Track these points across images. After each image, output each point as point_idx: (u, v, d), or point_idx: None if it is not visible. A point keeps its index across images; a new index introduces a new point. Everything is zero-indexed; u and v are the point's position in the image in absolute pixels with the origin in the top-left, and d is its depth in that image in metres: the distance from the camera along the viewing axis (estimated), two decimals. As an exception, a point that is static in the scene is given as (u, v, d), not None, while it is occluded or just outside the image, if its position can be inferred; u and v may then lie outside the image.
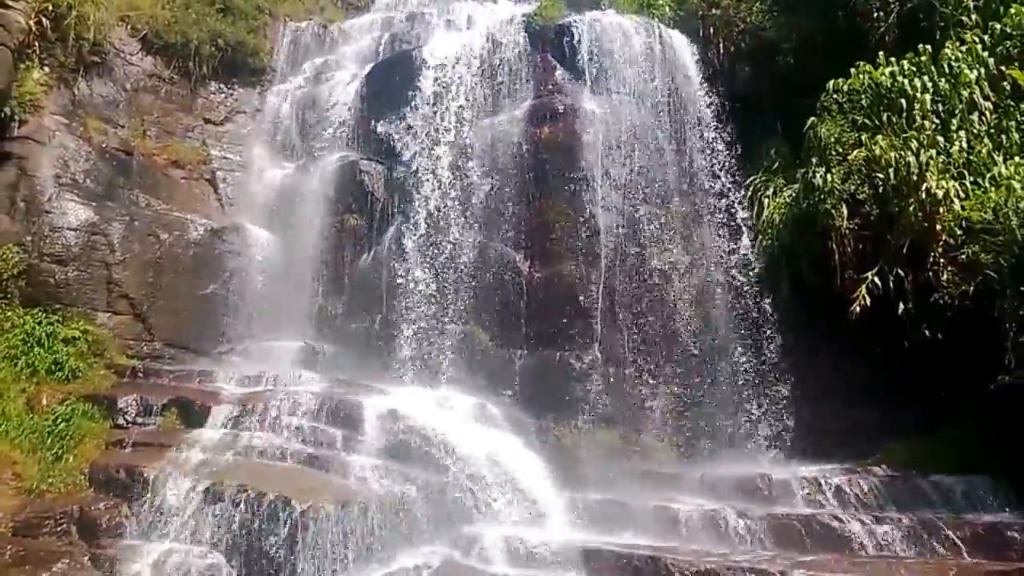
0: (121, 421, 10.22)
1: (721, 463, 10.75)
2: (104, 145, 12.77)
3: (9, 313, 11.14)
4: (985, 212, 9.93)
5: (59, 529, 8.51)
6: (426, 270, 12.49)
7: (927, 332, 10.04)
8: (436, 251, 12.62)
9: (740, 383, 11.84)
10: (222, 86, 15.35)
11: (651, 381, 11.72)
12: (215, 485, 8.61)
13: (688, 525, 8.75)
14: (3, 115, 11.62)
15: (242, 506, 8.30)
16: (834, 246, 10.96)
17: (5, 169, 11.76)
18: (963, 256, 10.00)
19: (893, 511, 8.88)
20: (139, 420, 10.24)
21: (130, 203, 12.78)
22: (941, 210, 10.27)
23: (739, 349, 12.01)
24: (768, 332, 11.96)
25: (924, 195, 10.32)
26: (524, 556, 7.87)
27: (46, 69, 12.52)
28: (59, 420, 9.98)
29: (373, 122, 14.13)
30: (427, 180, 13.01)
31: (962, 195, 10.27)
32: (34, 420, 9.97)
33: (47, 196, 11.85)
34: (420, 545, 8.29)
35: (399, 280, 12.48)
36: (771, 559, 7.66)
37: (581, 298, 11.92)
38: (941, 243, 10.28)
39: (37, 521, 8.50)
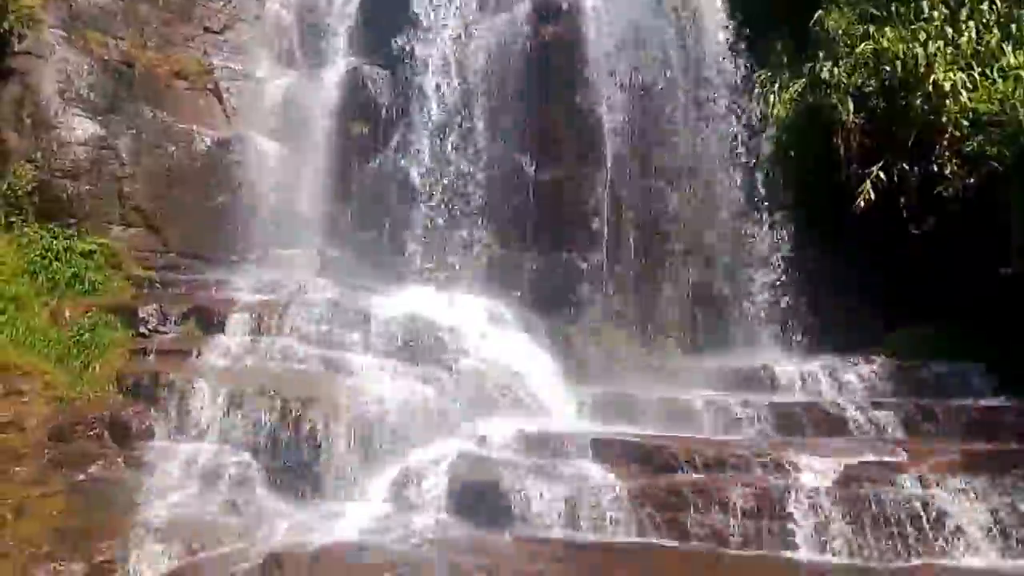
0: (143, 330, 10.45)
1: (726, 357, 11.05)
2: (106, 58, 12.61)
3: (26, 229, 11.28)
4: (992, 104, 9.90)
5: (91, 433, 8.81)
6: (432, 175, 12.53)
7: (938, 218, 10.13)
8: (442, 156, 12.63)
9: (745, 279, 12.03)
10: (219, -8, 15.06)
11: (656, 279, 11.92)
12: (237, 388, 8.88)
13: (694, 415, 9.08)
14: (3, 30, 11.50)
15: (263, 408, 8.57)
16: (840, 141, 10.95)
17: (9, 86, 11.70)
18: (968, 148, 10.00)
19: (891, 398, 9.21)
20: (160, 329, 10.46)
21: (135, 116, 12.71)
22: (948, 102, 10.21)
23: (743, 246, 12.15)
24: (772, 228, 12.04)
25: (931, 87, 10.26)
26: (536, 446, 8.19)
27: (40, -20, 12.30)
28: (83, 331, 10.19)
29: (375, 26, 13.92)
30: (431, 84, 12.88)
31: (969, 87, 10.20)
32: (58, 332, 10.19)
33: (52, 111, 11.82)
34: (435, 439, 8.59)
35: (406, 186, 12.55)
36: (773, 445, 7.97)
37: (587, 199, 12.00)
38: (947, 136, 10.26)
39: (70, 427, 8.79)
